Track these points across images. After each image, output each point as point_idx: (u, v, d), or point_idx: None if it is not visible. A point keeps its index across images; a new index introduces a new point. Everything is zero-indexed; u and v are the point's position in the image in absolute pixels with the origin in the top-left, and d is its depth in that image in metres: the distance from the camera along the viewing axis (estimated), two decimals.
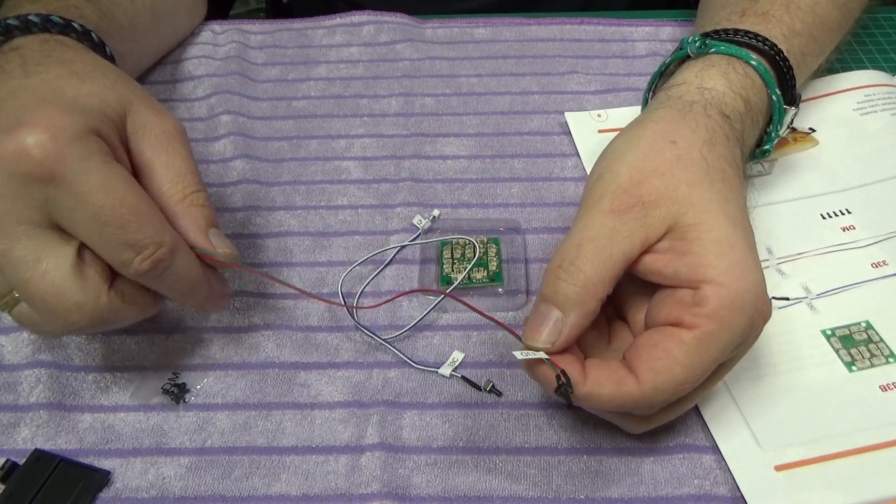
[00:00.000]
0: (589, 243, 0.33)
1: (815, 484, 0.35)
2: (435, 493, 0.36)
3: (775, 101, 0.42)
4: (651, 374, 0.31)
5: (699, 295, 0.31)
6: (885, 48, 0.59)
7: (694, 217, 0.33)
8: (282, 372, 0.41)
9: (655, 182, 0.34)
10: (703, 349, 0.31)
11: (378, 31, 0.62)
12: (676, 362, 0.31)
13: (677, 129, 0.36)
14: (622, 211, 0.33)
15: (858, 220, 0.45)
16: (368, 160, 0.52)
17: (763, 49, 0.42)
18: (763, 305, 0.32)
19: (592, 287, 0.32)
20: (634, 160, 0.35)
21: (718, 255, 0.32)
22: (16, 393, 0.40)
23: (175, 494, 0.36)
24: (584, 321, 0.33)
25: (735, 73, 0.41)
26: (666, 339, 0.32)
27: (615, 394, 0.31)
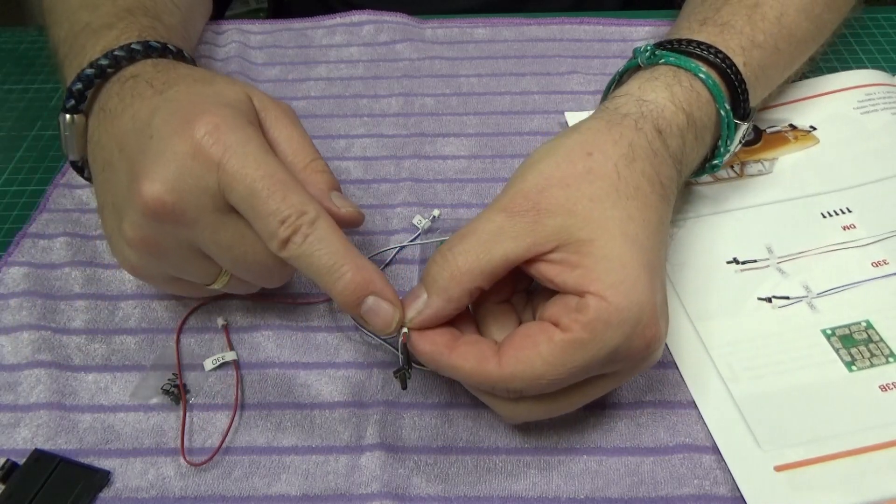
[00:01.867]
0: (471, 235, 0.34)
1: (815, 484, 0.35)
2: (435, 493, 0.36)
3: (724, 116, 0.40)
4: (513, 360, 0.32)
5: (582, 303, 0.32)
6: (885, 48, 0.59)
7: (589, 233, 0.33)
8: (282, 372, 0.41)
9: (557, 192, 0.34)
10: (569, 353, 0.32)
11: (378, 30, 0.62)
12: (539, 356, 0.32)
13: (597, 141, 0.36)
14: (514, 213, 0.34)
15: (859, 218, 0.45)
16: (368, 160, 0.52)
17: (714, 62, 0.41)
18: (647, 329, 0.32)
19: (460, 276, 0.33)
20: (545, 168, 0.35)
21: (607, 270, 0.32)
22: (16, 393, 0.40)
23: (175, 494, 0.36)
24: (447, 306, 0.34)
25: (680, 87, 0.40)
26: (539, 333, 0.33)
27: (475, 369, 0.33)
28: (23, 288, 0.44)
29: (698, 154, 0.41)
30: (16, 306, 0.43)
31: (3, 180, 0.52)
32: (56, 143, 0.54)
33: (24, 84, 0.60)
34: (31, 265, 0.45)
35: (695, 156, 0.41)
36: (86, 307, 0.43)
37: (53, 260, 0.46)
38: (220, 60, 0.60)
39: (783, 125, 0.52)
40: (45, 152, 0.54)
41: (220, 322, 0.42)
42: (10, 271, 0.45)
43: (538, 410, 0.35)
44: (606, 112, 0.39)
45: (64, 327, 0.43)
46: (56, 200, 0.49)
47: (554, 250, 0.33)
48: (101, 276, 0.45)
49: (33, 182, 0.52)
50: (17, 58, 0.63)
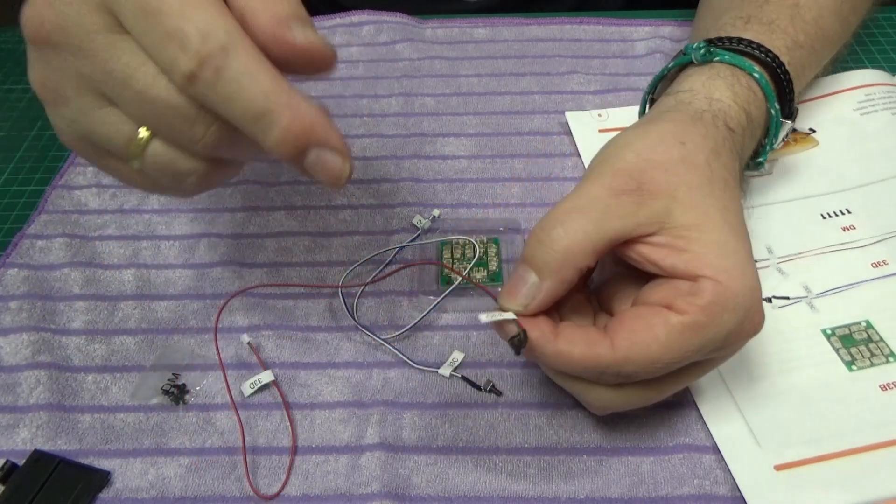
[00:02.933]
0: (578, 212, 0.33)
1: (815, 483, 0.35)
2: (435, 493, 0.36)
3: (773, 115, 0.41)
4: (627, 343, 0.31)
5: (696, 286, 0.31)
6: (885, 48, 0.59)
7: (694, 218, 0.33)
8: (282, 372, 0.41)
9: (659, 175, 0.33)
10: (687, 336, 0.31)
11: (378, 31, 0.62)
12: (656, 339, 0.31)
13: (688, 132, 0.36)
14: (620, 191, 0.33)
15: (858, 219, 0.45)
16: (368, 160, 0.52)
17: (766, 61, 0.41)
18: (756, 315, 0.32)
19: (572, 256, 0.32)
20: (642, 149, 0.35)
21: (719, 255, 0.32)
22: (15, 394, 0.40)
23: (175, 494, 0.36)
24: (560, 288, 0.33)
25: (740, 86, 0.40)
26: (653, 316, 0.32)
27: (586, 354, 0.31)
28: (22, 289, 0.44)
29: (750, 151, 0.42)
30: (15, 308, 0.43)
31: (3, 180, 0.52)
32: (56, 143, 0.54)
33: (24, 84, 0.60)
34: (30, 266, 0.45)
35: (748, 152, 0.42)
36: (85, 308, 0.43)
37: (52, 261, 0.46)
38: None
39: None
40: (45, 152, 0.54)
41: (245, 339, 0.42)
42: (9, 273, 0.45)
43: (638, 397, 0.34)
44: (681, 105, 0.39)
45: (63, 328, 0.42)
46: (54, 202, 0.49)
47: (656, 233, 0.33)
48: (100, 276, 0.45)
49: (33, 182, 0.52)
50: (17, 58, 0.63)
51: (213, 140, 0.28)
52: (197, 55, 0.26)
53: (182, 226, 0.48)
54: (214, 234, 0.47)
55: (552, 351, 0.32)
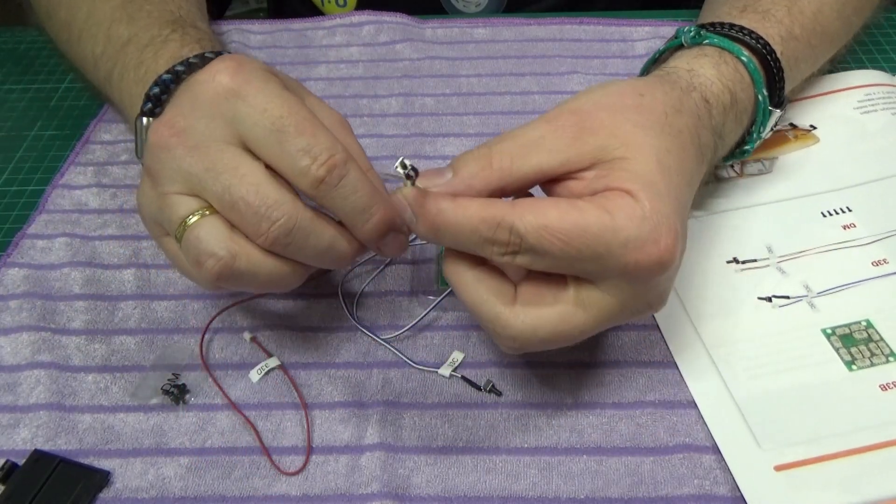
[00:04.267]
0: (511, 138, 0.34)
1: (815, 483, 0.35)
2: (435, 493, 0.36)
3: (761, 102, 0.41)
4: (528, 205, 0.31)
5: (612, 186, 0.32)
6: (885, 48, 0.59)
7: (624, 152, 0.33)
8: (282, 372, 0.41)
9: (604, 115, 0.34)
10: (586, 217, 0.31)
11: (378, 31, 0.62)
12: (557, 208, 0.31)
13: (650, 87, 0.36)
14: (558, 126, 0.33)
15: (859, 218, 0.45)
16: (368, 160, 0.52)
17: (755, 47, 0.42)
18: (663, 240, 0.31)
19: (489, 172, 0.33)
20: (595, 95, 0.35)
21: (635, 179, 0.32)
22: (15, 394, 0.40)
23: (175, 495, 0.36)
24: (464, 192, 0.33)
25: (725, 66, 0.40)
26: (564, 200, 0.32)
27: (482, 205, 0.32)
28: (22, 289, 0.44)
29: (735, 136, 0.42)
30: (15, 307, 0.43)
31: (3, 180, 0.52)
32: (56, 143, 0.54)
33: (24, 84, 0.60)
34: (31, 266, 0.45)
35: (733, 137, 0.42)
36: (85, 308, 0.43)
37: (53, 261, 0.46)
38: None
39: (783, 124, 0.51)
40: (45, 152, 0.54)
41: (246, 336, 0.42)
42: (10, 272, 0.45)
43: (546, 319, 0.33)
44: (657, 74, 0.39)
45: (64, 328, 0.42)
46: (55, 201, 0.49)
47: (588, 168, 0.33)
48: (100, 276, 0.45)
49: (33, 182, 0.52)
50: (17, 58, 0.63)
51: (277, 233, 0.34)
52: (327, 165, 0.33)
53: None
54: None
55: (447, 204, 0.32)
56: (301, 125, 0.33)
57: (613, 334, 0.41)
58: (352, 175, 0.33)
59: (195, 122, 0.34)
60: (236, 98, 0.34)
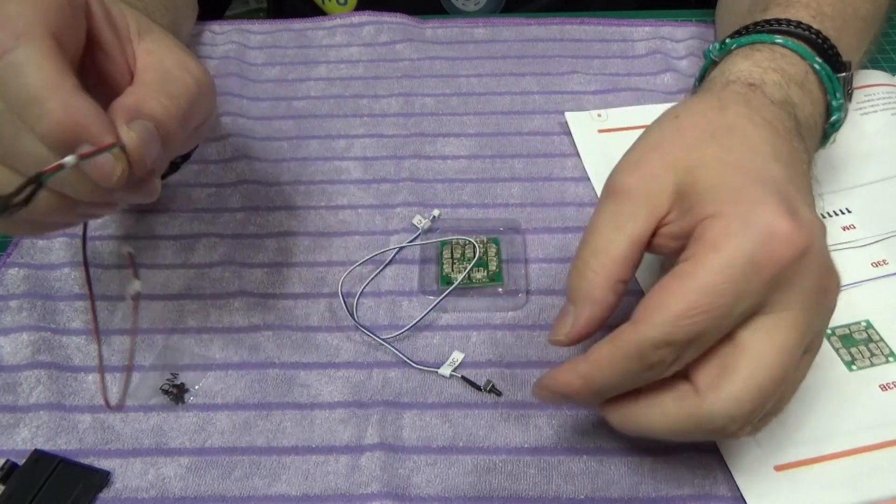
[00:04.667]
0: (592, 233, 0.33)
1: (815, 483, 0.35)
2: (435, 493, 0.36)
3: (819, 70, 0.40)
4: (646, 309, 0.29)
5: (697, 231, 0.30)
6: (885, 48, 0.59)
7: (691, 176, 0.32)
8: (282, 372, 0.41)
9: (651, 156, 0.33)
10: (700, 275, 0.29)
11: (378, 31, 0.62)
12: (672, 292, 0.29)
13: (683, 105, 0.36)
14: (617, 193, 0.33)
15: (858, 219, 0.45)
16: (368, 160, 0.52)
17: (787, 30, 0.40)
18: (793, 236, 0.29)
19: (596, 276, 0.32)
20: (637, 144, 0.35)
21: (714, 192, 0.31)
22: (15, 394, 0.40)
23: (175, 495, 0.36)
24: (597, 311, 0.32)
25: (759, 53, 0.39)
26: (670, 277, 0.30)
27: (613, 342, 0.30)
28: (22, 289, 0.44)
29: (813, 107, 0.40)
30: (15, 307, 0.43)
31: None
32: None
33: None
34: (31, 266, 0.45)
35: (810, 108, 0.39)
36: (86, 307, 0.43)
37: (53, 260, 0.46)
38: (219, 60, 0.60)
39: None
40: None
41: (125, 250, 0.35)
42: (10, 272, 0.45)
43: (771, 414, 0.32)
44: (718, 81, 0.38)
45: (64, 328, 0.42)
46: None
47: (671, 210, 0.32)
48: (100, 276, 0.45)
49: None
50: None
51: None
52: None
53: (181, 225, 0.48)
54: (214, 233, 0.47)
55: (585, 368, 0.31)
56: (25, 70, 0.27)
57: None
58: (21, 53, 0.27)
59: None
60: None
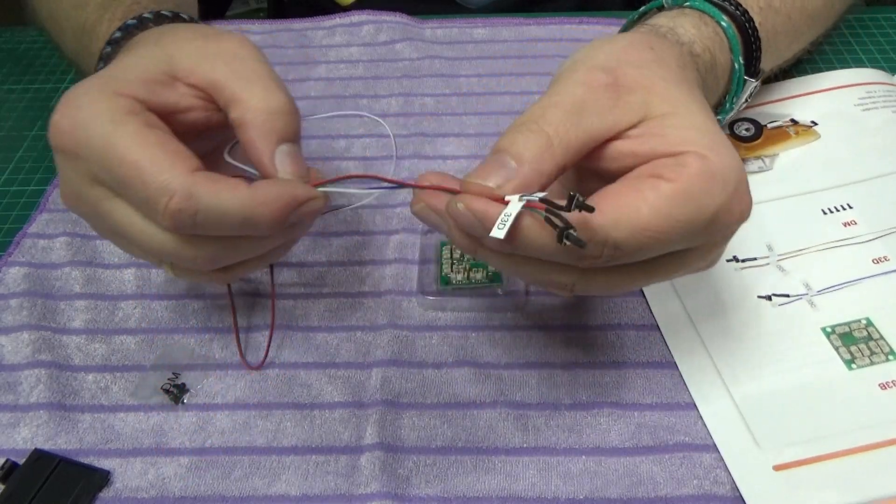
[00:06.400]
0: (556, 107, 0.31)
1: (814, 483, 0.35)
2: (434, 494, 0.36)
3: (737, 70, 0.41)
4: (615, 206, 0.29)
5: (681, 159, 0.30)
6: (885, 48, 0.59)
7: (671, 107, 0.31)
8: (282, 372, 0.41)
9: (632, 71, 0.32)
10: (677, 203, 0.29)
11: (377, 31, 0.62)
12: (645, 203, 0.29)
13: (655, 42, 0.36)
14: (596, 87, 0.31)
15: (860, 215, 0.45)
16: (368, 160, 0.52)
17: (734, 14, 0.42)
18: (744, 195, 0.30)
19: (552, 148, 0.30)
20: (612, 51, 0.34)
21: (700, 134, 0.30)
22: (16, 393, 0.40)
23: (175, 494, 0.36)
24: (536, 180, 0.30)
25: (706, 27, 0.40)
26: (641, 182, 0.30)
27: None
28: (23, 288, 0.44)
29: (713, 99, 0.41)
30: (16, 306, 0.43)
31: (3, 180, 0.52)
32: None
33: (24, 84, 0.60)
34: (32, 265, 0.45)
35: (711, 100, 0.41)
36: (86, 307, 0.43)
37: (53, 260, 0.46)
38: None
39: (784, 120, 0.51)
40: (45, 152, 0.54)
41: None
42: (11, 271, 0.45)
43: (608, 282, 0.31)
44: (646, 28, 0.39)
45: (64, 327, 0.43)
46: (55, 201, 0.50)
47: (635, 126, 0.31)
48: (101, 276, 0.45)
49: (33, 182, 0.52)
50: (17, 58, 0.63)
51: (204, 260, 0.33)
52: (168, 214, 0.30)
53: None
54: None
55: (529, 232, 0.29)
56: (127, 177, 0.31)
57: (613, 334, 0.41)
58: (205, 202, 0.30)
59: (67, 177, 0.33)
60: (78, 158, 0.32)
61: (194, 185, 0.30)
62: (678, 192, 0.29)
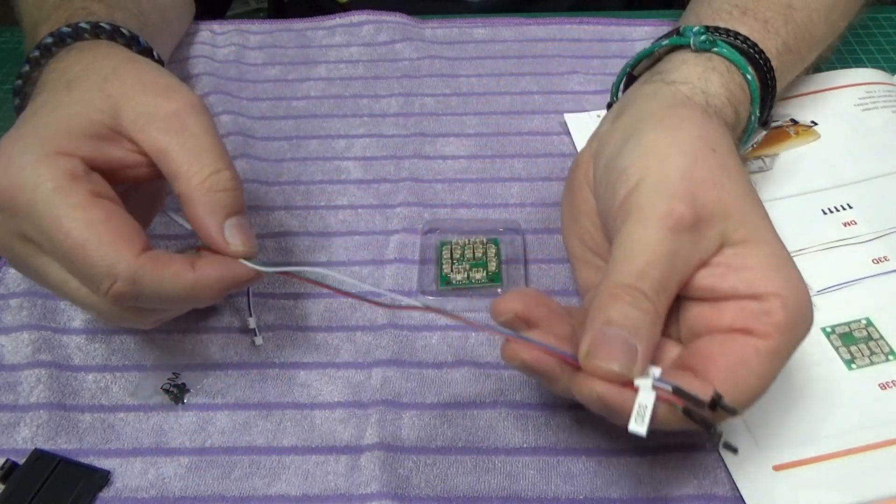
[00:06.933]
0: (653, 269, 0.30)
1: (814, 483, 0.35)
2: (434, 494, 0.36)
3: (752, 120, 0.41)
4: (731, 383, 0.29)
5: (765, 306, 0.30)
6: (885, 48, 0.59)
7: (746, 233, 0.32)
8: (282, 372, 0.41)
9: (710, 194, 0.32)
10: (777, 360, 0.30)
11: (378, 31, 0.62)
12: (753, 372, 0.30)
13: (711, 135, 0.35)
14: (681, 230, 0.31)
15: (860, 215, 0.45)
16: (368, 160, 0.52)
17: (758, 63, 0.41)
18: (811, 315, 0.32)
19: (659, 316, 0.31)
20: (683, 166, 0.32)
21: (777, 268, 0.31)
22: (16, 393, 0.40)
23: (175, 494, 0.36)
24: (652, 352, 0.30)
25: (734, 84, 0.39)
26: (740, 346, 0.30)
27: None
28: (23, 288, 0.44)
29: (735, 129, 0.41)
30: (16, 306, 0.43)
31: None
32: None
33: None
34: None
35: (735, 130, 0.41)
36: None
37: None
38: (219, 60, 0.60)
39: (784, 120, 0.51)
40: None
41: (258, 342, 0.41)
42: (11, 271, 0.45)
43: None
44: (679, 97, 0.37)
45: (64, 327, 0.43)
46: None
47: (714, 254, 0.32)
48: None
49: None
50: (18, 58, 0.62)
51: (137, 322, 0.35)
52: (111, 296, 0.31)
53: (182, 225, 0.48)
54: None
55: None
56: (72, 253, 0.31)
57: None
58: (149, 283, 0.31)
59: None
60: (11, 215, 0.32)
61: (140, 270, 0.31)
62: (775, 350, 0.30)
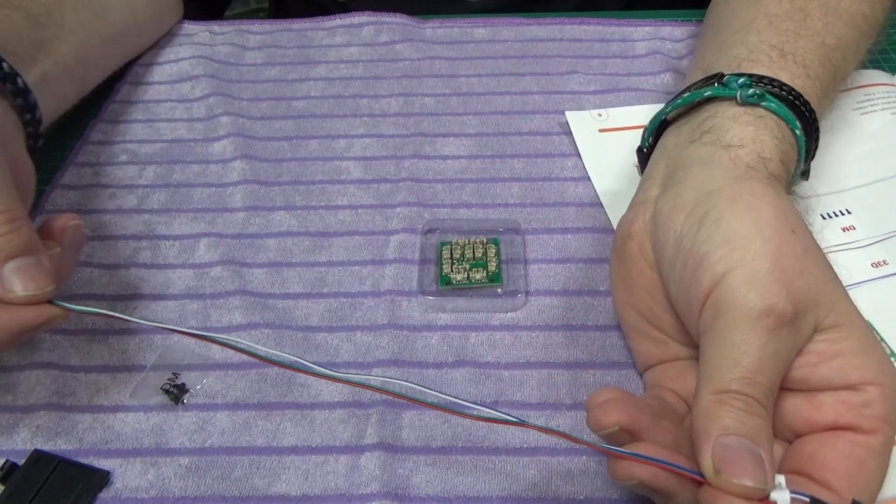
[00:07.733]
0: (760, 375, 0.30)
1: None
2: (434, 494, 0.36)
3: (797, 175, 0.41)
4: (857, 490, 0.29)
5: (865, 397, 0.30)
6: (885, 48, 0.59)
7: (835, 318, 0.31)
8: (282, 372, 0.41)
9: (802, 284, 0.31)
10: (888, 452, 0.30)
11: (378, 31, 0.62)
12: (871, 472, 0.30)
13: (789, 215, 0.34)
14: (781, 327, 0.30)
15: (858, 220, 0.45)
16: (368, 160, 0.52)
17: (805, 117, 0.39)
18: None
19: (771, 421, 0.30)
20: (770, 255, 0.31)
21: (867, 352, 0.31)
22: (15, 393, 0.40)
23: (175, 494, 0.36)
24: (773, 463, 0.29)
25: (786, 144, 0.38)
26: (853, 448, 0.30)
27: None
28: None
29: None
30: None
31: None
32: (56, 144, 0.54)
33: None
34: None
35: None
36: None
37: None
38: (219, 60, 0.60)
39: None
40: (45, 153, 0.54)
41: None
42: None
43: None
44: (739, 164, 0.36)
45: (63, 327, 0.42)
46: (54, 201, 0.50)
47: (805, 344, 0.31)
48: (99, 276, 0.45)
49: None
50: None
51: None
52: None
53: (182, 225, 0.48)
54: (214, 233, 0.47)
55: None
56: None
57: (614, 334, 0.41)
58: None
59: None
60: None
61: None
62: (885, 444, 0.30)
